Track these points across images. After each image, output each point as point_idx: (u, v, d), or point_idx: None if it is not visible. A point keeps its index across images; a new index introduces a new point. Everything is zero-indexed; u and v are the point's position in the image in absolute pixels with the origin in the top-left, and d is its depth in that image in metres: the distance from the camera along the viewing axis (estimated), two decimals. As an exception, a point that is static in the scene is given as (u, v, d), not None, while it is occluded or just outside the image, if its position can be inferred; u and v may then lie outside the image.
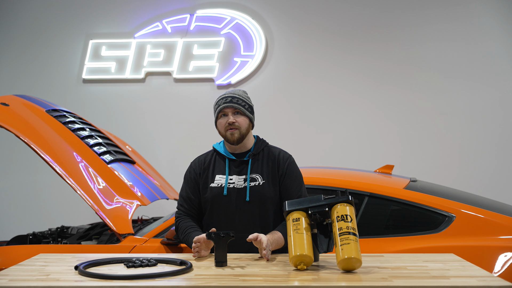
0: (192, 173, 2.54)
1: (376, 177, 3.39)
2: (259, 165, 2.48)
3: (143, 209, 4.87)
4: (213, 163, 2.52)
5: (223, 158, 2.51)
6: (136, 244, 2.98)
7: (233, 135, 2.45)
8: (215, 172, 2.49)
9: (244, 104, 2.49)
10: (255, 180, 2.44)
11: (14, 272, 2.01)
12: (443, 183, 4.17)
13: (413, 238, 2.80)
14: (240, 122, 2.46)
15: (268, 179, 2.45)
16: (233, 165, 2.49)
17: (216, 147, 2.56)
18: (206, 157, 2.57)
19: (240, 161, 2.49)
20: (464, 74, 5.62)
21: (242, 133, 2.46)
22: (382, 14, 5.75)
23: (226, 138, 2.47)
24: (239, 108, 2.46)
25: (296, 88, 5.83)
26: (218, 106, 2.48)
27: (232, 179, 2.45)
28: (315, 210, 2.07)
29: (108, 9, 6.03)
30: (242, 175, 2.45)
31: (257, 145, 2.53)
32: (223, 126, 2.47)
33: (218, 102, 2.50)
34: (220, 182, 2.45)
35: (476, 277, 1.87)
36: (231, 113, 2.46)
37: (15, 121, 3.26)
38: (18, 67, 6.06)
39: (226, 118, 2.46)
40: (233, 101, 2.46)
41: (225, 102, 2.46)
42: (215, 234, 2.11)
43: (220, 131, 2.50)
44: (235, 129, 2.45)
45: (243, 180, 2.44)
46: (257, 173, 2.46)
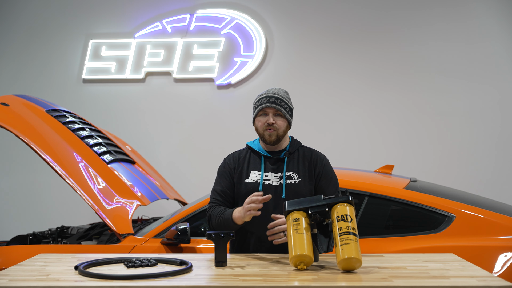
0: (227, 167, 2.52)
1: (376, 177, 3.39)
2: (295, 163, 2.48)
3: (143, 209, 4.87)
4: (248, 159, 2.51)
5: (258, 155, 2.51)
6: (136, 244, 2.98)
7: (271, 136, 2.44)
8: (250, 168, 2.48)
9: (286, 106, 2.47)
10: (291, 178, 2.44)
11: (14, 272, 2.01)
12: (443, 183, 4.17)
13: (413, 238, 2.80)
14: (279, 124, 2.45)
15: (304, 177, 2.45)
16: (268, 162, 2.48)
17: (250, 145, 2.56)
18: (240, 153, 2.56)
19: (275, 159, 2.49)
20: (464, 74, 5.62)
21: (280, 135, 2.46)
22: (382, 14, 5.75)
23: (263, 137, 2.46)
24: (280, 110, 2.45)
25: (296, 88, 5.82)
26: (260, 104, 2.46)
27: (267, 176, 2.45)
28: (315, 210, 2.07)
29: (108, 9, 6.03)
30: (277, 172, 2.45)
31: (292, 144, 2.53)
32: (261, 125, 2.46)
33: (260, 99, 2.48)
34: (256, 178, 2.45)
35: (476, 277, 1.87)
36: (271, 114, 2.44)
37: (15, 121, 3.26)
38: (18, 67, 6.06)
39: (266, 117, 2.45)
40: (276, 102, 2.44)
41: (268, 102, 2.44)
42: (215, 234, 2.11)
43: (257, 129, 2.49)
44: (273, 131, 2.44)
45: (278, 178, 2.44)
46: (293, 171, 2.46)
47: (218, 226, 2.37)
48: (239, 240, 2.46)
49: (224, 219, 2.34)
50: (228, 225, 2.33)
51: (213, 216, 2.41)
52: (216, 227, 2.39)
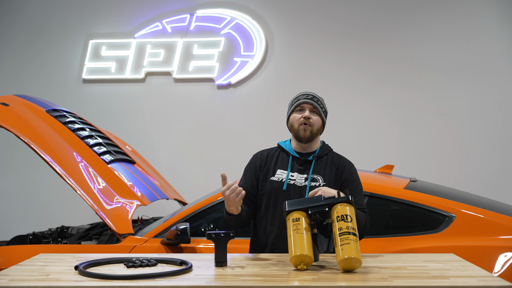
0: (253, 165, 2.54)
1: (376, 177, 3.39)
2: (322, 167, 2.48)
3: (143, 209, 4.87)
4: (276, 158, 2.53)
5: (287, 155, 2.53)
6: (136, 244, 2.98)
7: (306, 131, 2.46)
8: (277, 166, 2.50)
9: (322, 106, 2.52)
10: (316, 181, 2.45)
11: (14, 272, 2.01)
12: (443, 183, 4.17)
13: (413, 238, 2.80)
14: (314, 121, 2.47)
15: (329, 182, 2.45)
16: (296, 163, 2.50)
17: (281, 144, 2.57)
18: (270, 151, 2.58)
19: (303, 160, 2.49)
20: (464, 74, 5.62)
21: (314, 132, 2.47)
22: (382, 14, 5.75)
23: (298, 132, 2.47)
24: (317, 107, 2.49)
25: (296, 88, 5.81)
26: (298, 100, 2.50)
27: (293, 176, 2.46)
28: (315, 210, 2.07)
29: (108, 9, 6.03)
30: (303, 174, 2.46)
31: (322, 148, 2.55)
32: (297, 120, 2.47)
33: (298, 97, 2.53)
34: (281, 177, 2.46)
35: (476, 277, 1.87)
36: (308, 110, 2.48)
37: (15, 121, 3.26)
38: (18, 67, 6.06)
39: (302, 113, 2.48)
40: (313, 100, 2.49)
41: (306, 98, 2.49)
42: (215, 234, 2.11)
43: (292, 125, 2.50)
44: (309, 126, 2.46)
45: (304, 179, 2.45)
46: (319, 174, 2.46)
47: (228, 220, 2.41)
48: (260, 239, 2.46)
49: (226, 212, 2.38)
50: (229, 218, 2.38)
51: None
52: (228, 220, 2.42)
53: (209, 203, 3.11)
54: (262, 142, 4.64)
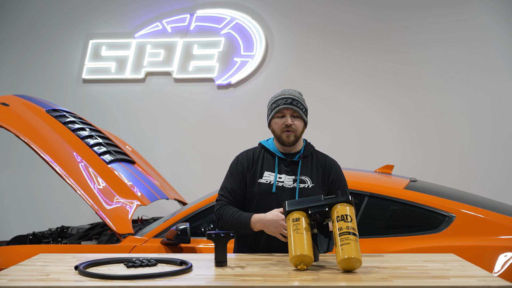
0: (239, 166, 2.49)
1: (376, 177, 3.39)
2: (309, 168, 2.47)
3: (143, 209, 4.87)
4: (261, 159, 2.49)
5: (272, 156, 2.50)
6: (136, 244, 2.98)
7: (289, 137, 2.43)
8: (264, 168, 2.47)
9: (302, 107, 2.47)
10: (304, 182, 2.44)
11: (14, 272, 2.01)
12: (443, 183, 4.17)
13: (413, 238, 2.80)
14: (296, 125, 2.44)
15: (317, 183, 2.45)
16: (282, 164, 2.47)
17: (264, 144, 2.54)
18: (254, 152, 2.53)
19: (290, 161, 2.48)
20: (464, 74, 5.62)
21: (297, 136, 2.45)
22: (382, 14, 5.75)
23: (281, 139, 2.45)
24: (298, 111, 2.44)
25: (296, 88, 5.81)
26: (278, 105, 2.45)
27: (281, 177, 2.44)
28: (315, 210, 2.07)
29: (108, 9, 6.03)
30: (291, 175, 2.45)
31: (306, 148, 2.53)
32: (279, 127, 2.44)
33: (277, 101, 2.46)
34: (269, 179, 2.44)
35: (476, 277, 1.87)
36: (289, 115, 2.44)
37: (15, 121, 3.26)
38: (18, 67, 6.06)
39: (283, 119, 2.44)
40: (293, 104, 2.44)
41: (286, 104, 2.43)
42: (215, 234, 2.11)
43: (274, 131, 2.47)
44: (292, 132, 2.43)
45: (292, 181, 2.44)
46: (306, 175, 2.45)
47: (229, 228, 2.36)
48: (248, 239, 2.44)
49: (239, 222, 2.33)
50: (242, 229, 2.34)
51: (225, 217, 2.38)
52: (226, 228, 2.38)
53: (209, 203, 3.11)
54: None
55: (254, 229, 2.31)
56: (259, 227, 2.28)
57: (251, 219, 2.31)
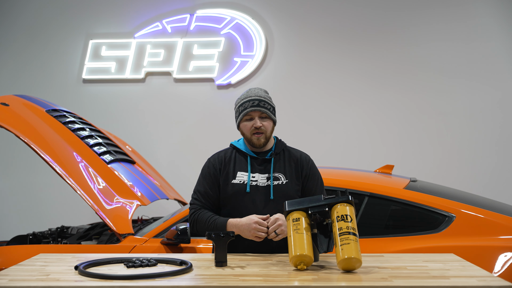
0: (211, 168, 2.48)
1: (376, 177, 3.39)
2: (281, 164, 2.47)
3: (143, 209, 4.87)
4: (233, 160, 2.48)
5: (244, 156, 2.49)
6: (136, 244, 2.98)
7: (259, 139, 2.42)
8: (236, 168, 2.46)
9: (269, 107, 2.45)
10: (278, 179, 2.43)
11: (14, 272, 2.01)
12: (443, 183, 4.17)
13: (413, 238, 2.80)
14: (266, 126, 2.42)
15: (291, 178, 2.44)
16: (255, 163, 2.46)
17: (235, 145, 2.53)
18: (225, 154, 2.51)
19: (262, 160, 2.47)
20: (464, 74, 5.62)
21: (268, 137, 2.44)
22: (382, 14, 5.75)
23: (252, 141, 2.43)
24: (266, 112, 2.42)
25: (296, 88, 5.83)
26: (244, 108, 2.43)
27: (254, 176, 2.43)
28: (315, 210, 2.07)
29: (108, 9, 6.03)
30: (264, 173, 2.44)
31: (277, 145, 2.52)
32: (248, 130, 2.43)
33: (244, 104, 2.44)
34: (243, 179, 2.43)
35: (476, 277, 1.87)
36: (257, 117, 2.42)
37: (15, 121, 3.26)
38: (18, 67, 6.06)
39: (252, 121, 2.42)
40: (260, 105, 2.41)
41: (253, 106, 2.41)
42: (215, 234, 2.11)
43: (244, 134, 2.46)
44: (262, 134, 2.42)
45: (266, 179, 2.43)
46: (279, 172, 2.45)
47: (204, 232, 2.35)
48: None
49: (216, 227, 2.33)
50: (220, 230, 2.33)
51: (201, 221, 2.38)
52: (201, 232, 2.38)
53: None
54: (262, 142, 4.64)
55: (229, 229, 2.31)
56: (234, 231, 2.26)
57: (227, 224, 2.32)
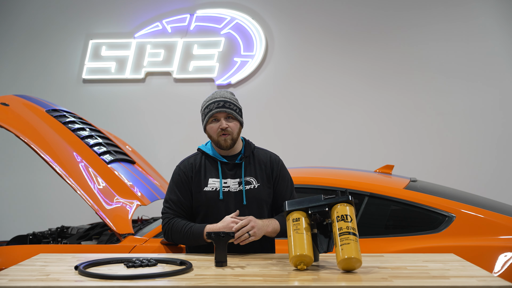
0: (183, 176, 2.44)
1: (376, 177, 3.39)
2: (252, 168, 2.45)
3: (143, 209, 4.87)
4: (204, 166, 2.45)
5: (214, 161, 2.46)
6: (136, 244, 2.98)
7: (226, 141, 2.40)
8: (207, 175, 2.42)
9: (235, 108, 2.43)
10: (250, 183, 2.41)
11: (14, 272, 2.01)
12: (443, 183, 4.16)
13: (413, 238, 2.80)
14: (232, 127, 2.40)
15: (262, 181, 2.43)
16: (226, 168, 2.43)
17: (203, 149, 2.50)
18: (195, 160, 2.48)
19: (232, 164, 2.44)
20: (464, 74, 5.62)
21: (235, 138, 2.42)
22: (382, 14, 5.75)
23: (219, 143, 2.41)
24: (231, 113, 2.40)
25: (296, 88, 5.83)
26: (210, 110, 2.40)
27: (226, 182, 2.41)
28: (315, 210, 2.07)
29: (108, 9, 6.03)
30: (236, 178, 2.41)
31: (246, 147, 2.49)
32: (215, 131, 2.40)
33: (208, 106, 2.41)
34: (215, 186, 2.40)
35: (476, 277, 1.87)
36: (223, 118, 2.39)
37: (15, 121, 3.26)
38: (18, 67, 6.06)
39: (218, 123, 2.40)
40: (225, 106, 2.39)
41: (218, 107, 2.39)
42: (215, 234, 2.11)
43: (211, 136, 2.43)
44: (228, 135, 2.39)
45: (237, 183, 2.40)
46: (251, 176, 2.43)
47: (182, 240, 2.34)
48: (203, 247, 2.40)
49: (192, 234, 2.31)
50: (195, 241, 2.32)
51: (176, 230, 2.35)
52: (177, 240, 2.36)
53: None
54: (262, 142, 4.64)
55: (207, 240, 2.28)
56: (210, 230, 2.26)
57: (204, 230, 2.29)
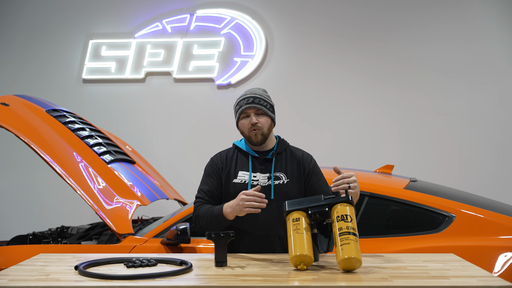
0: (214, 167, 2.51)
1: (376, 177, 3.39)
2: (283, 164, 2.47)
3: (143, 209, 4.87)
4: (235, 159, 2.50)
5: (245, 155, 2.50)
6: (136, 244, 2.98)
7: (257, 136, 2.44)
8: (237, 168, 2.47)
9: (266, 104, 2.46)
10: (279, 179, 2.44)
11: (14, 272, 2.01)
12: (443, 183, 4.17)
13: (413, 238, 2.80)
14: (262, 123, 2.44)
15: (292, 178, 2.45)
16: (256, 163, 2.48)
17: (237, 144, 2.55)
18: (228, 153, 2.55)
19: (263, 159, 2.48)
20: (464, 74, 5.63)
21: (265, 133, 2.45)
22: (382, 14, 5.75)
23: (250, 139, 2.46)
24: (261, 108, 2.44)
25: (296, 88, 5.83)
26: (240, 107, 2.46)
27: (256, 176, 2.44)
28: (315, 210, 2.07)
29: (108, 9, 6.04)
30: (266, 173, 2.45)
31: (279, 144, 2.53)
32: (246, 127, 2.45)
33: (239, 102, 2.48)
34: (244, 179, 2.44)
35: (476, 277, 1.87)
36: (253, 114, 2.44)
37: (15, 121, 3.26)
38: (18, 67, 6.06)
39: (248, 119, 2.45)
40: (255, 102, 2.44)
41: (247, 103, 2.44)
42: (215, 234, 2.11)
43: (243, 132, 2.48)
44: (258, 130, 2.43)
45: (267, 178, 2.44)
46: (281, 171, 2.45)
47: (207, 225, 2.35)
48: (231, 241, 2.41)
49: (213, 215, 2.33)
50: (218, 222, 2.32)
51: (201, 215, 2.38)
52: (204, 226, 2.37)
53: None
54: (262, 142, 4.66)
55: (227, 217, 2.29)
56: (230, 212, 2.27)
57: (223, 208, 2.31)
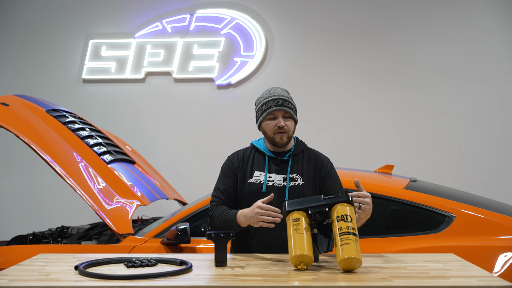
0: (231, 166, 2.50)
1: (376, 177, 3.39)
2: (299, 165, 2.47)
3: (143, 209, 4.87)
4: (252, 159, 2.50)
5: (262, 155, 2.50)
6: (136, 244, 2.99)
7: (282, 139, 2.43)
8: (254, 168, 2.47)
9: (292, 107, 2.47)
10: (294, 180, 2.43)
11: (14, 272, 2.01)
12: (443, 183, 4.17)
13: (413, 238, 2.80)
14: (289, 126, 2.44)
15: (308, 180, 2.44)
16: (273, 163, 2.47)
17: (255, 144, 2.55)
18: (245, 152, 2.55)
19: (280, 160, 2.47)
20: (464, 74, 5.62)
21: (290, 136, 2.46)
22: (382, 14, 5.75)
23: (274, 140, 2.44)
24: (289, 111, 2.44)
25: (296, 88, 5.81)
26: (268, 107, 2.44)
27: (271, 177, 2.44)
28: (315, 210, 2.07)
29: (108, 9, 6.03)
30: (281, 174, 2.44)
31: (297, 146, 2.53)
32: (271, 129, 2.44)
33: (267, 103, 2.46)
34: (259, 179, 2.44)
35: (476, 277, 1.87)
36: (281, 116, 2.44)
37: (15, 121, 3.26)
38: (18, 67, 6.06)
39: (275, 121, 2.43)
40: (284, 104, 2.43)
41: (277, 105, 2.42)
42: (215, 234, 2.12)
43: (266, 133, 2.47)
44: (284, 133, 2.43)
45: (282, 179, 2.43)
46: (297, 173, 2.45)
47: (221, 227, 2.36)
48: (241, 241, 2.44)
49: (227, 220, 2.33)
50: (231, 227, 2.33)
51: (216, 216, 2.39)
52: (218, 227, 2.38)
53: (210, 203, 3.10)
54: (262, 142, 4.66)
55: (241, 224, 2.30)
56: (243, 221, 2.28)
57: (236, 215, 2.32)
